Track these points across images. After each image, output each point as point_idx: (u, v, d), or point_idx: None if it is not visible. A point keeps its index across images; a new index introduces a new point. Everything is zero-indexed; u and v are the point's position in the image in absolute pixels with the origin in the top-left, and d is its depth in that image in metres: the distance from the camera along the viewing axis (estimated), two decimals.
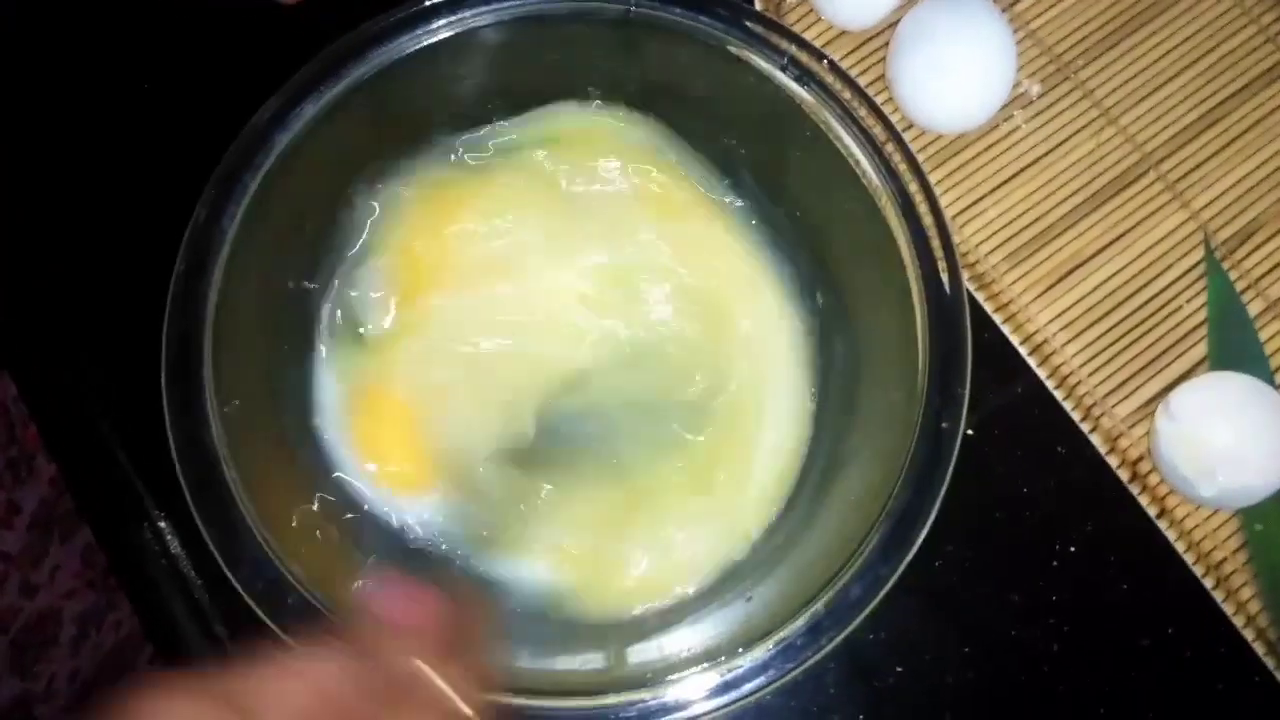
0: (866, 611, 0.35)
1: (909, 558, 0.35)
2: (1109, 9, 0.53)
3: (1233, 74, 0.52)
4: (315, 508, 0.39)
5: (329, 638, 0.27)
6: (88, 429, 0.48)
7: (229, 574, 0.35)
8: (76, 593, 0.68)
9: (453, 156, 0.45)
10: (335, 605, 0.35)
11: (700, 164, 0.46)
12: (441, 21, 0.40)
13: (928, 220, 0.40)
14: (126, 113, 0.51)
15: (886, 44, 0.51)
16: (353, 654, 0.26)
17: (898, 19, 0.50)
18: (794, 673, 0.36)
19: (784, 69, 0.40)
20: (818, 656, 0.35)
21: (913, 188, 0.40)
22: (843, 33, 0.52)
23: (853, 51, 0.52)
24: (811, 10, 0.52)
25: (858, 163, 0.41)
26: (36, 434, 0.62)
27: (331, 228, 0.43)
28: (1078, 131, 0.51)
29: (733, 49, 0.41)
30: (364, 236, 0.43)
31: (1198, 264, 0.50)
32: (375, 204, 0.43)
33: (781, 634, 0.36)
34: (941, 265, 0.39)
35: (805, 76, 0.40)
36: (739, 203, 0.46)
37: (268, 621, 0.35)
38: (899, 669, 0.45)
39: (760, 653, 0.36)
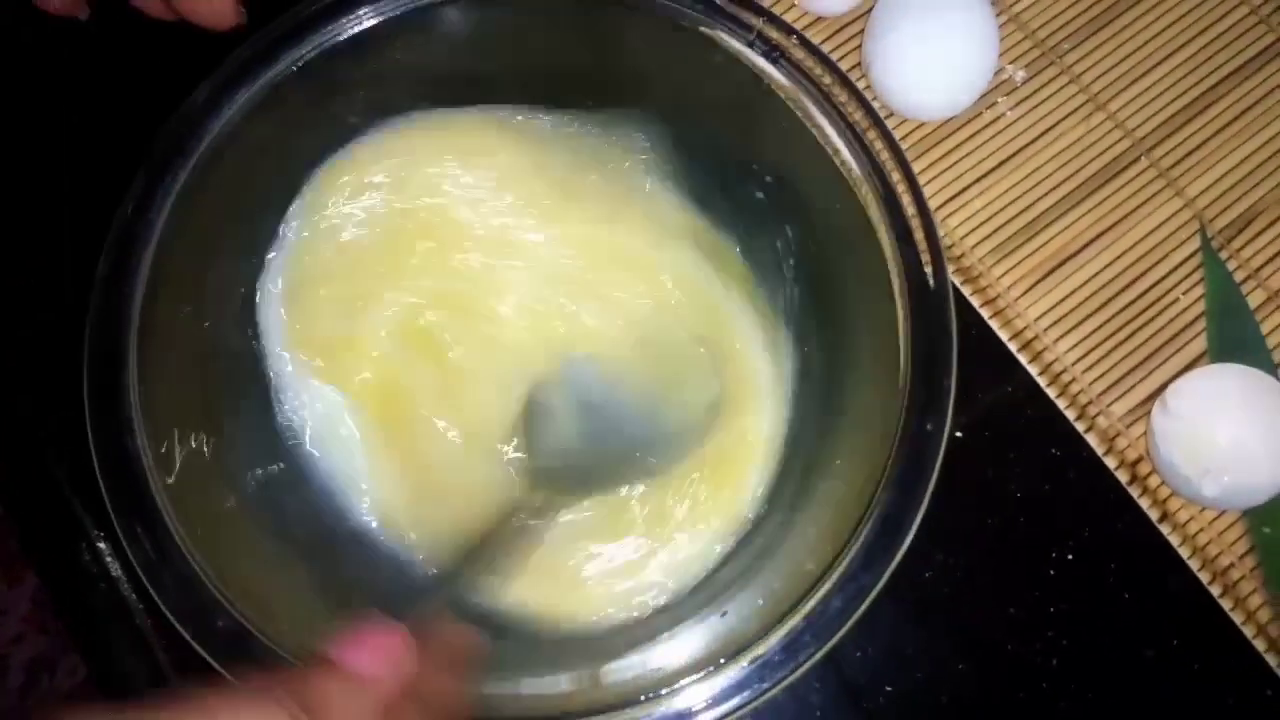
0: (849, 625, 0.33)
1: (893, 565, 0.33)
2: None
3: (1225, 56, 0.50)
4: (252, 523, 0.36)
5: (275, 684, 0.24)
6: (23, 446, 0.45)
7: (154, 594, 0.32)
8: (25, 637, 0.65)
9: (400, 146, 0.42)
10: (270, 630, 0.32)
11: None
12: (387, 1, 0.38)
13: (910, 210, 0.37)
14: (61, 108, 0.49)
15: (863, 31, 0.49)
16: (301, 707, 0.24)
17: (872, 4, 0.48)
18: (771, 692, 0.33)
19: (751, 45, 0.38)
20: (797, 674, 0.33)
21: (895, 176, 0.38)
22: (817, 19, 0.50)
23: (828, 38, 0.50)
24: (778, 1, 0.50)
25: (836, 151, 0.38)
26: None
27: (273, 218, 0.40)
28: (1065, 118, 0.49)
29: (700, 28, 0.38)
30: (307, 229, 0.41)
31: (1194, 254, 0.47)
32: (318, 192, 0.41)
33: (758, 651, 0.33)
34: (925, 257, 0.37)
35: (775, 54, 0.38)
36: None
37: (196, 647, 0.32)
38: (889, 688, 0.43)
39: (735, 671, 0.33)
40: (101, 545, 0.44)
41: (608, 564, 0.39)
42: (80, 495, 0.44)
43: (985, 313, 0.46)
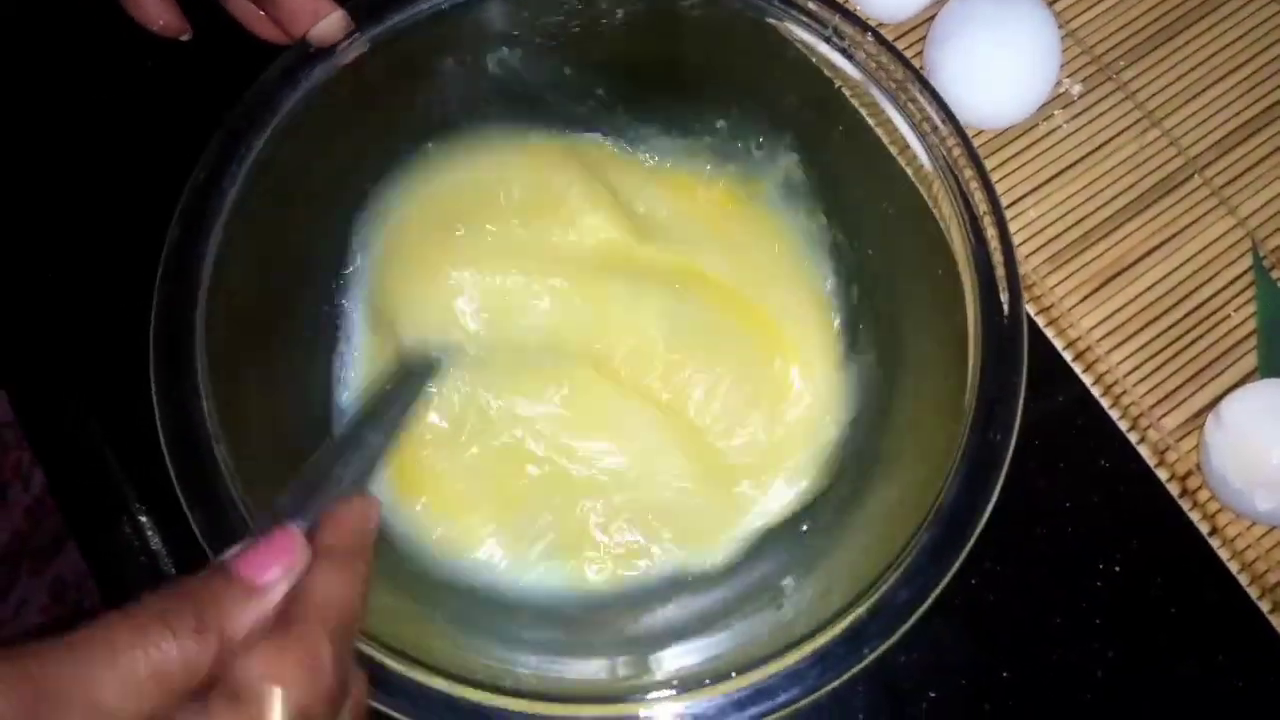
0: (915, 617, 0.32)
1: (963, 556, 0.32)
2: (1152, 10, 0.51)
3: None
4: None
5: (172, 600, 0.23)
6: (71, 420, 0.45)
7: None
8: (43, 629, 0.64)
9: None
10: None
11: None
12: None
13: (982, 209, 0.37)
14: (126, 93, 0.49)
15: (924, 38, 0.49)
16: (196, 626, 0.22)
17: (934, 13, 0.49)
18: (832, 684, 0.32)
19: (828, 40, 0.38)
20: (859, 666, 0.32)
21: (967, 174, 0.38)
22: (879, 25, 0.50)
23: None
24: (847, 1, 0.50)
25: (906, 147, 0.38)
26: (15, 461, 0.58)
27: (345, 191, 0.40)
28: (1120, 133, 0.49)
29: (772, 20, 0.39)
30: (382, 203, 0.41)
31: (1245, 271, 0.47)
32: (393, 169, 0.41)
33: (820, 641, 0.32)
34: (998, 257, 0.36)
35: (852, 48, 0.38)
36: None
37: None
38: (932, 694, 0.42)
39: (795, 660, 0.32)
40: (143, 519, 0.44)
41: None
42: (125, 468, 0.44)
43: (1040, 320, 0.46)
